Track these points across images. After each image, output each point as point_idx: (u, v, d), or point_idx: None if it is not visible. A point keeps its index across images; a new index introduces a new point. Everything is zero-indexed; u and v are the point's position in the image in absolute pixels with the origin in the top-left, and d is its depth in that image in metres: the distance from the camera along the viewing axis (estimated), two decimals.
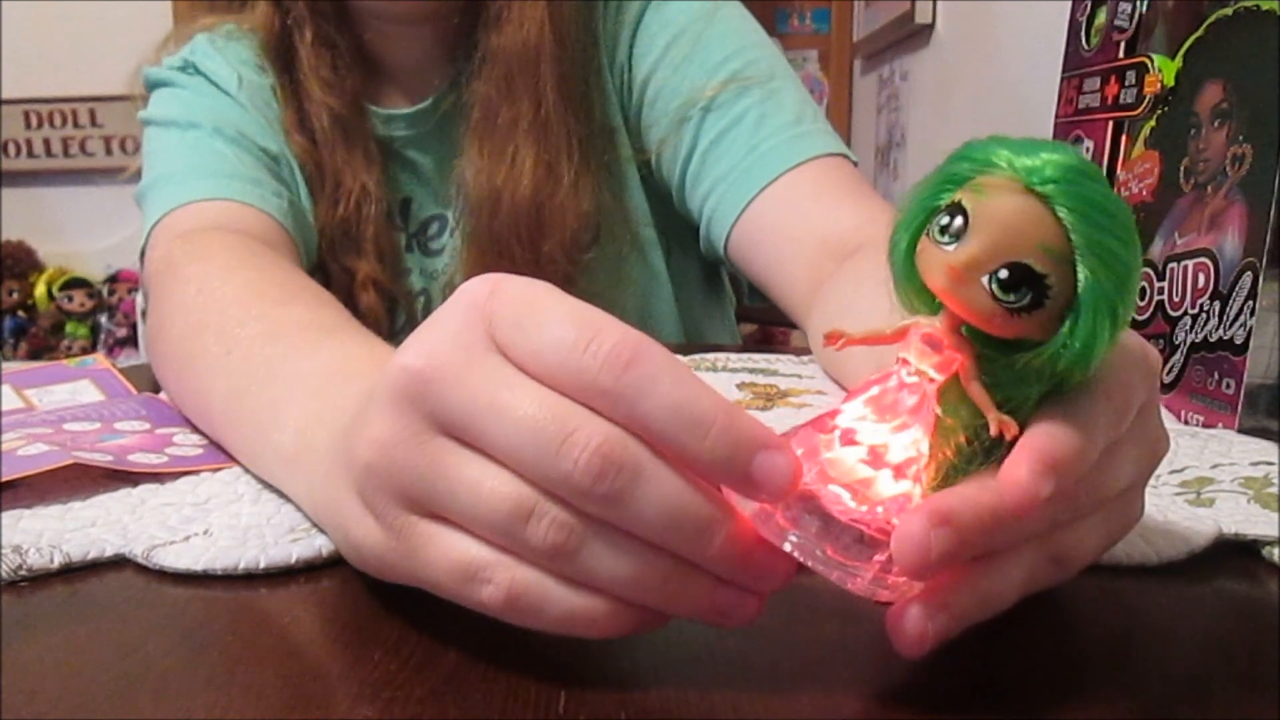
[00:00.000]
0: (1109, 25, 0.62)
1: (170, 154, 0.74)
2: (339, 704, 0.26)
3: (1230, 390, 0.49)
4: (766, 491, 0.24)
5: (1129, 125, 0.60)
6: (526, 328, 0.26)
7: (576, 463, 0.24)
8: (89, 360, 0.65)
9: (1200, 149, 0.53)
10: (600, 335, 0.25)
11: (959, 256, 0.23)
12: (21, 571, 0.34)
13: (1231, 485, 0.40)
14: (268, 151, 0.75)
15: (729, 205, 0.72)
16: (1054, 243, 0.23)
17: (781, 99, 0.73)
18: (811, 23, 3.07)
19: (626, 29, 0.77)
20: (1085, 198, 0.23)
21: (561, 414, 0.25)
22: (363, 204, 0.76)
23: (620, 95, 0.78)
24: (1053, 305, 0.23)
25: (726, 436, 0.24)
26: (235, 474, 0.44)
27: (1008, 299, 0.23)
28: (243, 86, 0.76)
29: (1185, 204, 0.54)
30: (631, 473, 0.24)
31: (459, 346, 0.26)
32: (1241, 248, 0.49)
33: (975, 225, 0.23)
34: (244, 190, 0.70)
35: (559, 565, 0.25)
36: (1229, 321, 0.49)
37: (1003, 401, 0.25)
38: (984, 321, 0.24)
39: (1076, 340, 0.23)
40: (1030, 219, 0.23)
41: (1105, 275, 0.23)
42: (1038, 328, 0.24)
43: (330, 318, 0.49)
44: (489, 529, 0.26)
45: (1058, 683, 0.27)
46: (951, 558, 0.24)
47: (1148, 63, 0.58)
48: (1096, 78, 0.63)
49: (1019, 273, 0.23)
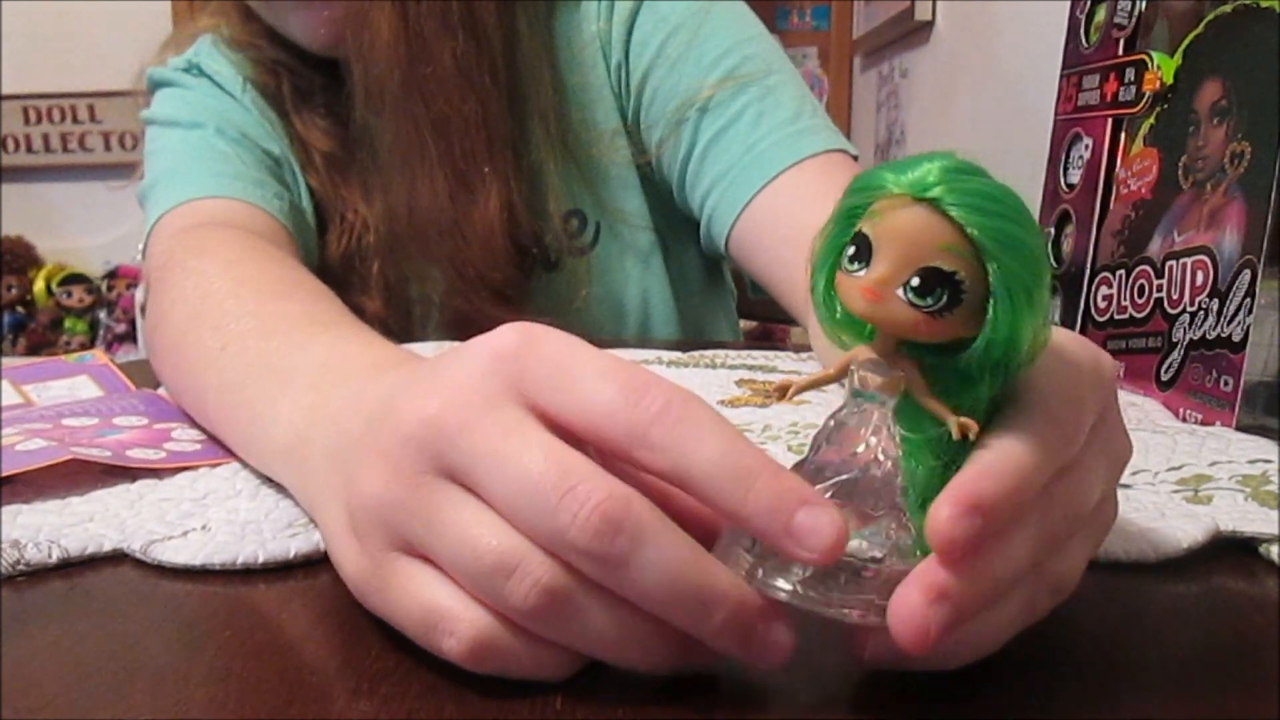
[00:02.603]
0: (1108, 22, 0.62)
1: (173, 153, 0.75)
2: (336, 699, 0.26)
3: (1228, 388, 0.49)
4: (807, 546, 0.23)
5: (1128, 123, 0.60)
6: (570, 385, 0.25)
7: (575, 517, 0.23)
8: (87, 356, 0.65)
9: (1199, 146, 0.53)
10: (649, 393, 0.25)
11: (870, 277, 0.24)
12: (20, 566, 0.34)
13: (1229, 483, 0.40)
14: (270, 154, 0.75)
15: (728, 204, 0.72)
16: (952, 240, 0.24)
17: (779, 95, 0.72)
18: (811, 20, 3.07)
19: (620, 28, 0.76)
20: (970, 191, 0.23)
21: (567, 467, 0.24)
22: (364, 237, 0.76)
23: (619, 97, 0.78)
24: (971, 299, 0.24)
25: (771, 489, 0.24)
26: (233, 469, 0.44)
27: (926, 303, 0.24)
28: (246, 89, 0.76)
29: (1184, 201, 0.54)
30: (633, 534, 0.23)
31: (478, 394, 0.26)
32: (1240, 245, 0.49)
33: (878, 246, 0.24)
34: (246, 189, 0.70)
35: (535, 627, 0.25)
36: (1227, 319, 0.49)
37: (957, 407, 0.25)
38: (912, 331, 0.25)
39: (1001, 325, 0.24)
40: (926, 225, 0.24)
41: (1009, 258, 0.24)
42: (965, 325, 0.24)
43: (326, 311, 0.49)
44: (468, 578, 0.25)
45: (1056, 680, 0.27)
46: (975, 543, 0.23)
47: (1147, 60, 0.58)
48: (1096, 75, 0.63)
49: (929, 276, 0.24)
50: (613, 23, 0.76)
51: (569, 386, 0.25)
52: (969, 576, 0.23)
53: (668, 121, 0.75)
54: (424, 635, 0.26)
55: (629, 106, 0.78)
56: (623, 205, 0.79)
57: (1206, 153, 0.53)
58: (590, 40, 0.77)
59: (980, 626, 0.25)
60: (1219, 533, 0.35)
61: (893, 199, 0.24)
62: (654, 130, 0.76)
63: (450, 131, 0.70)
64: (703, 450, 0.24)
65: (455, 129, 0.70)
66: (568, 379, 0.25)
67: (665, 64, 0.74)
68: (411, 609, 0.26)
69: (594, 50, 0.77)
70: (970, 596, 0.23)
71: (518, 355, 0.26)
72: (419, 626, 0.26)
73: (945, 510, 0.23)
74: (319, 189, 0.77)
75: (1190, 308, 0.52)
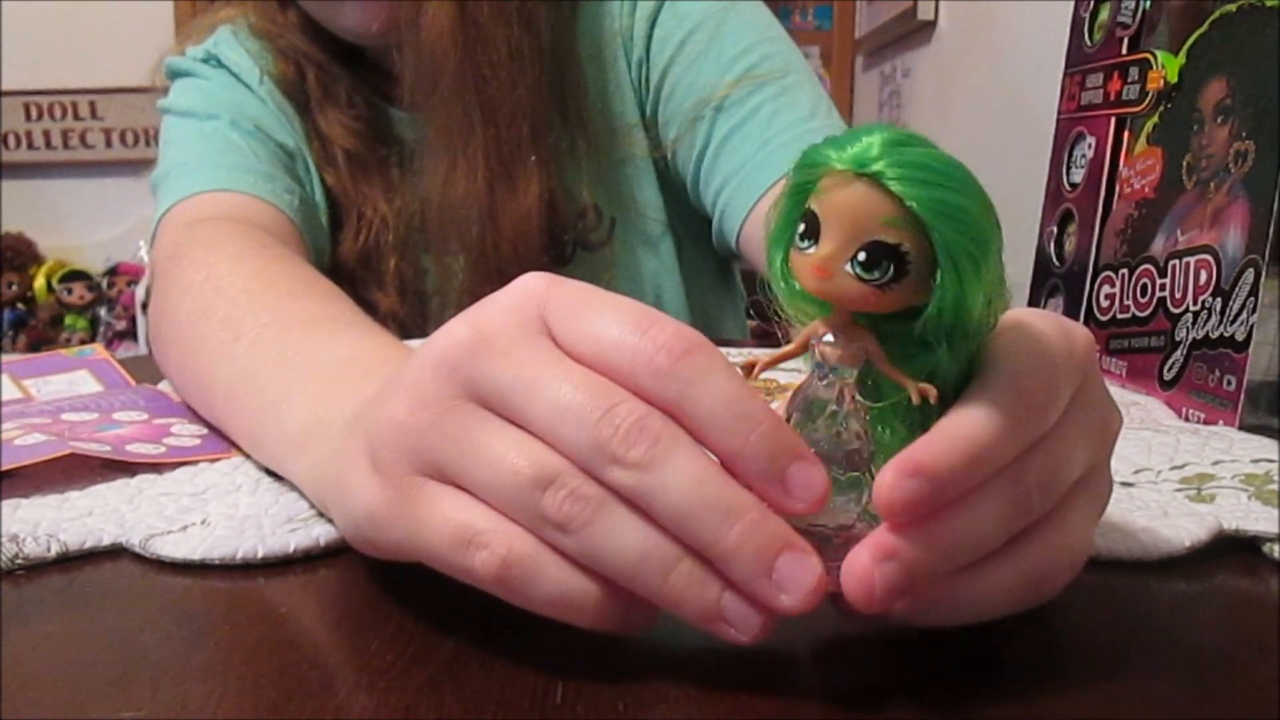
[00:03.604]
0: (1112, 21, 0.62)
1: (186, 143, 0.75)
2: (336, 693, 0.26)
3: (1231, 387, 0.48)
4: (797, 497, 0.24)
5: (1132, 122, 0.60)
6: (585, 315, 0.26)
7: (617, 429, 0.24)
8: (87, 350, 0.65)
9: (1203, 145, 0.53)
10: (659, 324, 0.25)
11: (818, 255, 0.25)
12: (18, 560, 0.34)
13: (1232, 482, 0.40)
14: (284, 147, 0.75)
15: (740, 200, 0.72)
16: (895, 214, 0.24)
17: (795, 95, 0.73)
18: (814, 19, 3.07)
19: (642, 24, 0.76)
20: (909, 163, 0.24)
21: (606, 391, 0.25)
22: (382, 235, 0.77)
23: (639, 92, 0.78)
24: (919, 268, 0.25)
25: (770, 439, 0.24)
26: (233, 464, 0.44)
27: (873, 276, 0.25)
28: (264, 81, 0.76)
29: (1188, 201, 0.54)
30: (668, 444, 0.24)
31: (510, 323, 0.27)
32: (1244, 245, 0.49)
33: (824, 223, 0.25)
34: (256, 184, 0.70)
35: (566, 538, 0.25)
36: (1230, 318, 0.49)
37: (918, 373, 0.26)
38: (863, 304, 0.25)
39: (948, 291, 0.24)
40: (867, 200, 0.24)
41: (950, 226, 0.24)
42: (915, 293, 0.25)
43: (345, 312, 0.49)
44: (502, 495, 0.25)
45: (1056, 679, 0.27)
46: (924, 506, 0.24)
47: (1151, 59, 0.58)
48: (1099, 74, 0.63)
49: (874, 250, 0.24)
50: (635, 19, 0.76)
51: (582, 317, 0.26)
52: (924, 541, 0.24)
53: (684, 118, 0.75)
54: (454, 553, 0.26)
55: (648, 102, 0.78)
56: (638, 199, 0.80)
57: (1210, 152, 0.53)
58: (612, 37, 0.77)
59: (962, 589, 0.25)
60: (1222, 532, 0.35)
61: (836, 175, 0.25)
62: (671, 126, 0.77)
63: (499, 118, 0.71)
64: (708, 387, 0.25)
65: (504, 116, 0.71)
66: (582, 311, 0.26)
67: (685, 61, 0.75)
68: (443, 527, 0.26)
69: (615, 46, 0.77)
70: (924, 559, 0.24)
71: (542, 292, 0.27)
72: (449, 544, 0.26)
73: (887, 475, 0.24)
74: (335, 185, 0.77)
75: (1193, 307, 0.52)
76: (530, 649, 0.28)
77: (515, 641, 0.28)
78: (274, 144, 0.75)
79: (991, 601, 0.26)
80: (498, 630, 0.28)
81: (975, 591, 0.26)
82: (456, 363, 0.26)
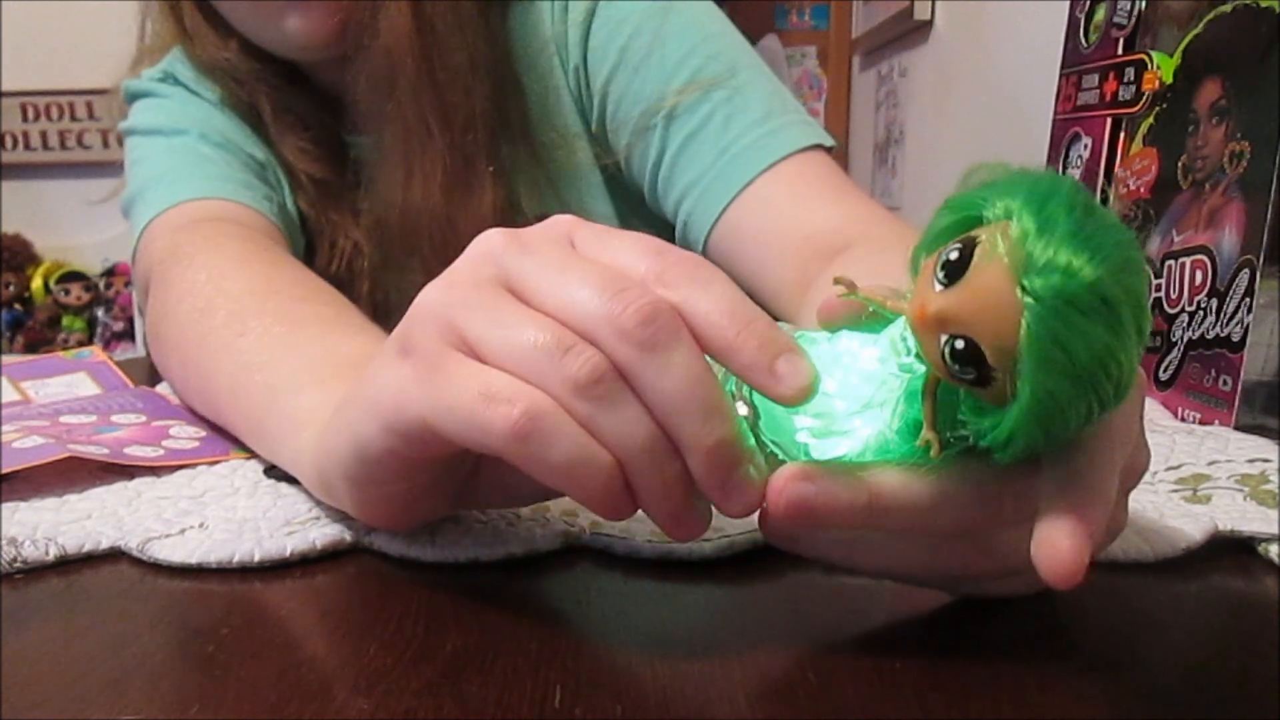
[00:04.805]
0: (1108, 22, 0.62)
1: (157, 159, 0.73)
2: (334, 697, 0.26)
3: (1227, 387, 0.49)
4: (785, 385, 0.26)
5: (1127, 122, 0.60)
6: (608, 243, 0.30)
7: (628, 307, 0.26)
8: (85, 352, 0.65)
9: (1198, 146, 0.53)
10: (673, 250, 0.29)
11: (931, 306, 0.23)
12: (17, 564, 0.34)
13: (1228, 482, 0.40)
14: (254, 158, 0.73)
15: (703, 212, 0.70)
16: (1009, 346, 0.22)
17: (747, 96, 0.70)
18: (810, 19, 3.07)
19: (576, 30, 0.73)
20: (1054, 335, 0.22)
21: (622, 279, 0.28)
22: (354, 260, 0.76)
23: (580, 101, 0.75)
24: (999, 389, 0.23)
25: (761, 334, 0.27)
26: (232, 467, 0.44)
27: (954, 367, 0.24)
28: (222, 105, 0.75)
29: (1183, 201, 0.54)
30: (673, 331, 0.27)
31: (541, 233, 0.30)
32: (1239, 245, 0.49)
33: (964, 282, 0.23)
34: (237, 191, 0.69)
35: (585, 398, 0.27)
36: (1226, 319, 0.49)
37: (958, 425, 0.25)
38: (935, 370, 0.25)
39: (1001, 432, 0.24)
40: (1004, 312, 0.22)
41: (1035, 408, 0.23)
42: (984, 395, 0.24)
43: (356, 317, 0.49)
44: (527, 359, 0.27)
45: (1054, 679, 0.27)
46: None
47: (1146, 60, 0.58)
48: (1095, 74, 0.63)
49: (970, 351, 0.23)
50: (568, 24, 0.73)
51: (605, 244, 0.30)
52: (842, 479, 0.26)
53: (634, 127, 0.72)
54: (475, 409, 0.27)
55: (592, 110, 0.75)
56: (590, 209, 0.78)
57: (1206, 152, 0.53)
58: (545, 44, 0.74)
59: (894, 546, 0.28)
60: (1218, 532, 0.35)
61: (1018, 251, 0.22)
62: (620, 135, 0.74)
63: (455, 125, 0.69)
64: (709, 289, 0.27)
65: (460, 123, 0.69)
66: (605, 238, 0.30)
67: (628, 69, 0.72)
68: (468, 385, 0.27)
69: (550, 54, 0.74)
70: (840, 495, 0.26)
71: (571, 223, 0.31)
72: (470, 400, 0.27)
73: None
74: (307, 210, 0.75)
75: (1189, 307, 0.52)
76: (529, 652, 0.28)
77: (514, 645, 0.28)
78: (245, 154, 0.73)
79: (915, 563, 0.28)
80: (497, 634, 0.28)
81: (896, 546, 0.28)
82: (490, 254, 0.29)
